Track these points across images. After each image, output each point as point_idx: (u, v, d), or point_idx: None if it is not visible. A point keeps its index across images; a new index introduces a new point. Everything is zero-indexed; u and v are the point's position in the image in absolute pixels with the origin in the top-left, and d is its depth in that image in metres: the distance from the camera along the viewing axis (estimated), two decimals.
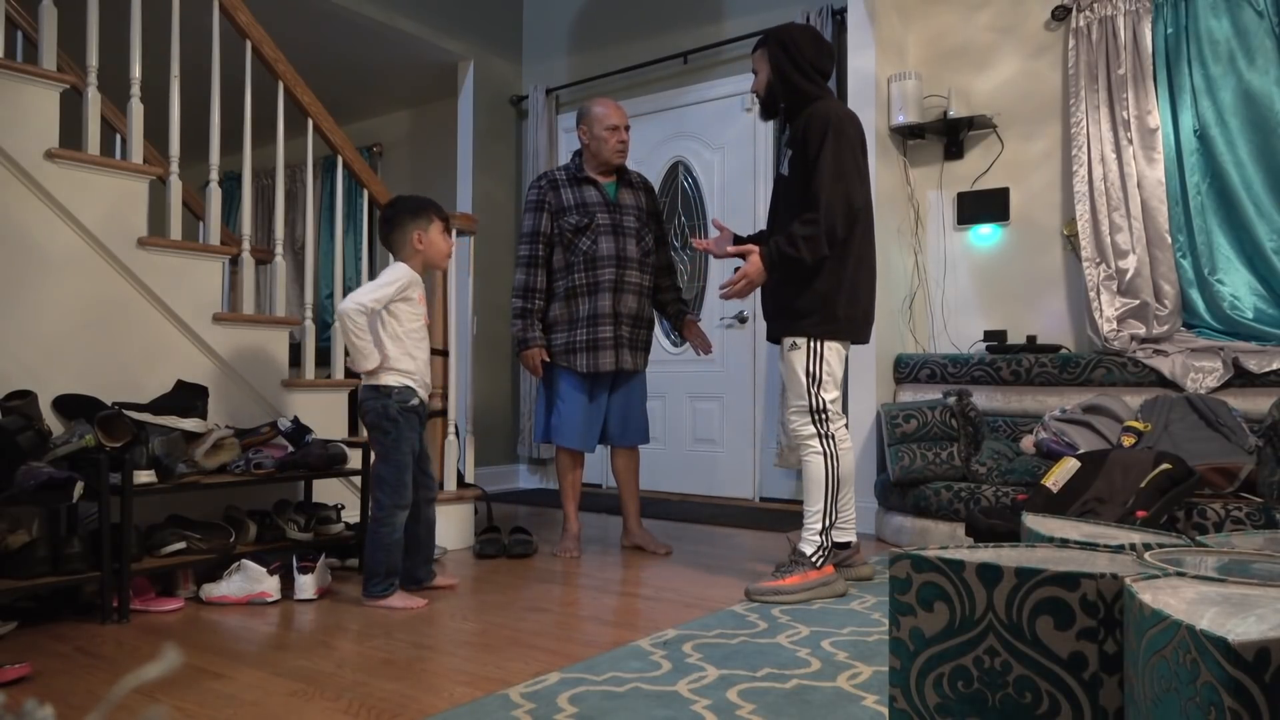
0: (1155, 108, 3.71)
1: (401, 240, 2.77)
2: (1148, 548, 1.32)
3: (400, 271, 2.73)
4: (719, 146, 5.06)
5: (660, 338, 5.13)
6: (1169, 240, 3.69)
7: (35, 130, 2.73)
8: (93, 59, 2.95)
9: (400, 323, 2.73)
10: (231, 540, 2.82)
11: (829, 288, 2.73)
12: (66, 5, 3.18)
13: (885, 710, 1.76)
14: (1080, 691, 1.13)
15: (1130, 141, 3.74)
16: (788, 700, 1.83)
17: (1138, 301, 3.71)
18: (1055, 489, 2.89)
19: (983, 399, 3.87)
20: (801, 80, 2.82)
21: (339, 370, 3.60)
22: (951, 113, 4.12)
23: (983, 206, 4.20)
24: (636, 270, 3.43)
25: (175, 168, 3.15)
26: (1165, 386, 3.52)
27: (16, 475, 2.31)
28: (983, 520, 2.92)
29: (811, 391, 2.75)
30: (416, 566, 2.82)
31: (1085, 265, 3.80)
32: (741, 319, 4.92)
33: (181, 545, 2.72)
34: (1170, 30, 3.73)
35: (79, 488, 2.36)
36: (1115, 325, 3.73)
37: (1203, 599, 0.97)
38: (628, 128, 3.46)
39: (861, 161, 2.78)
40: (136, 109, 3.04)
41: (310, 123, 3.54)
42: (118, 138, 3.84)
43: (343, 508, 3.25)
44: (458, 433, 3.65)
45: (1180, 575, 1.09)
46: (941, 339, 4.32)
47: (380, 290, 2.68)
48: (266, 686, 1.94)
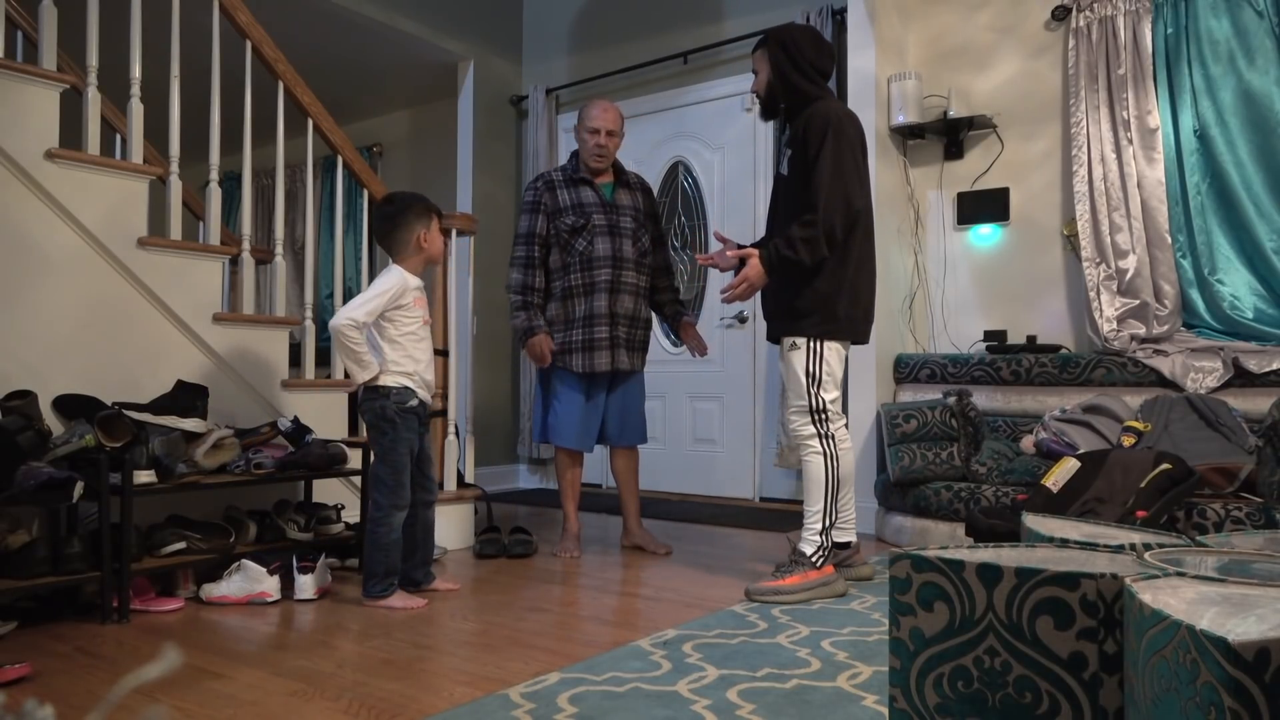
0: (1155, 108, 3.71)
1: (406, 239, 2.76)
2: (1148, 548, 1.32)
3: (392, 280, 2.72)
4: (719, 146, 5.06)
5: (660, 338, 5.13)
6: (1169, 240, 3.69)
7: (35, 130, 2.73)
8: (93, 59, 2.95)
9: (397, 327, 2.72)
10: (231, 540, 2.82)
11: (829, 288, 2.73)
12: (66, 5, 3.18)
13: (885, 710, 1.76)
14: (1080, 691, 1.13)
15: (1130, 141, 3.74)
16: (788, 700, 1.83)
17: (1138, 301, 3.71)
18: (1055, 489, 2.89)
19: (983, 399, 3.87)
20: (801, 80, 2.82)
21: (339, 371, 3.61)
22: (951, 113, 4.12)
23: (983, 206, 4.20)
24: (633, 271, 3.43)
25: (175, 168, 3.15)
26: (1165, 386, 3.51)
27: (16, 475, 2.31)
28: (983, 520, 2.93)
29: (811, 391, 2.75)
30: (414, 569, 2.82)
31: (1085, 265, 3.80)
32: (741, 319, 4.92)
33: (181, 545, 2.72)
34: (1170, 30, 3.72)
35: (79, 488, 2.36)
36: (1115, 325, 3.73)
37: (1203, 599, 0.97)
38: (611, 132, 3.39)
39: (861, 162, 2.78)
40: (136, 109, 3.05)
41: (310, 123, 3.54)
42: (118, 138, 3.83)
43: (343, 508, 3.25)
44: (458, 433, 3.65)
45: (1180, 575, 1.09)
46: (941, 339, 4.32)
47: (372, 302, 2.67)
48: (266, 686, 1.94)
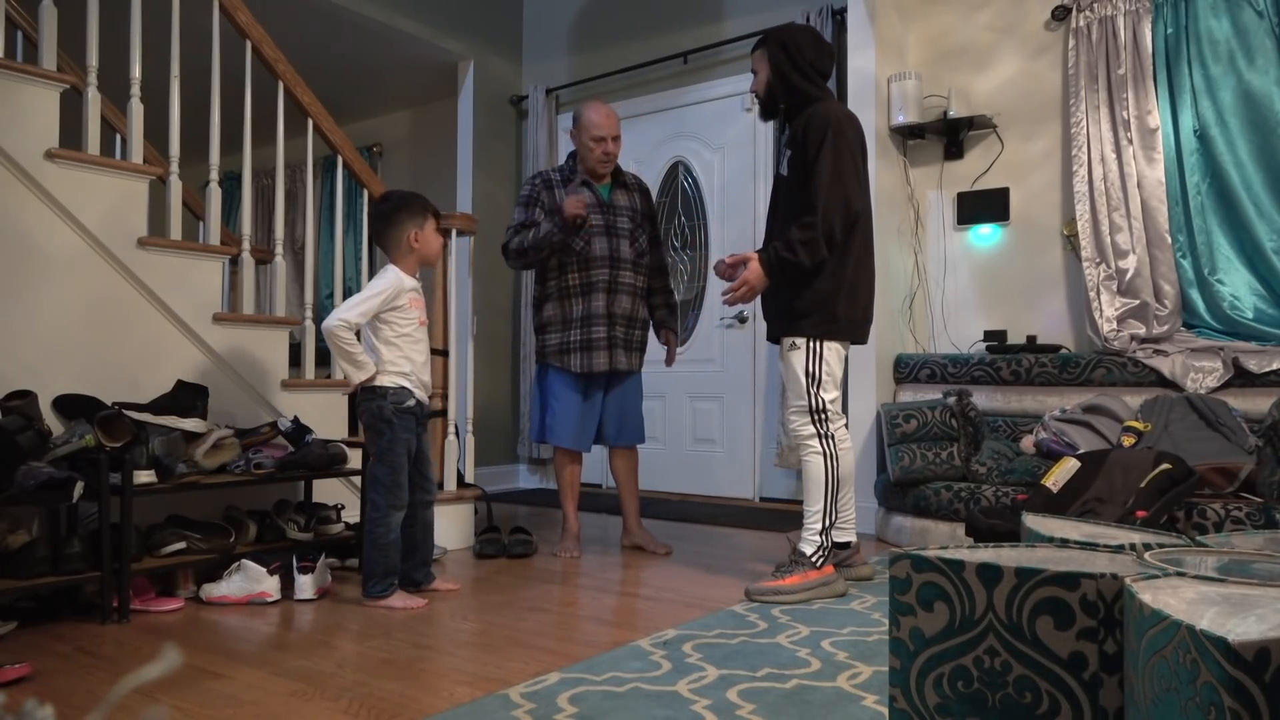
0: (1155, 108, 3.71)
1: (397, 238, 2.76)
2: (1148, 548, 1.32)
3: (387, 281, 2.72)
4: (719, 146, 5.06)
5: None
6: (1169, 240, 3.69)
7: (35, 130, 2.73)
8: (93, 59, 2.95)
9: (392, 327, 2.72)
10: (231, 540, 2.82)
11: (828, 288, 2.73)
12: (66, 5, 3.18)
13: (885, 710, 1.76)
14: (1080, 691, 1.13)
15: (1130, 141, 3.74)
16: (788, 700, 1.83)
17: (1138, 301, 3.71)
18: (1055, 489, 2.89)
19: (983, 399, 3.87)
20: (801, 81, 2.82)
21: (339, 371, 3.60)
22: (951, 113, 4.12)
23: (983, 206, 4.20)
24: (630, 271, 3.44)
25: (175, 168, 3.15)
26: (1165, 386, 3.51)
27: (16, 475, 2.31)
28: (983, 520, 2.93)
29: (811, 391, 2.75)
30: (414, 569, 2.81)
31: (1085, 265, 3.80)
32: (741, 319, 4.92)
33: (181, 545, 2.72)
34: (1170, 30, 3.72)
35: (79, 488, 2.36)
36: (1115, 325, 3.73)
37: (1203, 599, 0.97)
38: (616, 138, 3.40)
39: (860, 163, 2.78)
40: (136, 109, 3.05)
41: (310, 123, 3.54)
42: (118, 138, 3.83)
43: (343, 508, 3.25)
44: (458, 433, 3.65)
45: (1180, 575, 1.09)
46: (941, 339, 4.32)
47: (366, 304, 2.67)
48: (266, 686, 1.94)
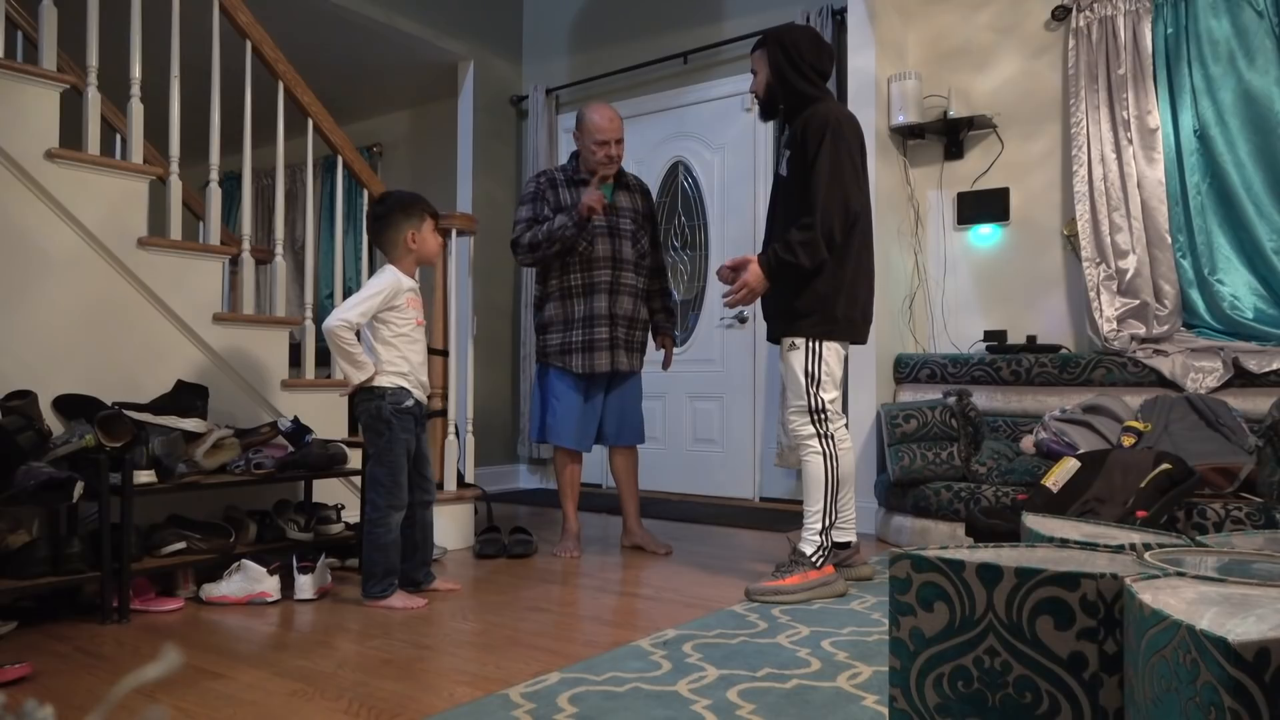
0: (1155, 108, 3.71)
1: (395, 239, 2.77)
2: (1148, 548, 1.32)
3: (385, 280, 2.72)
4: (719, 146, 5.06)
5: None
6: (1169, 240, 3.69)
7: (35, 130, 2.73)
8: (93, 59, 2.95)
9: (390, 327, 2.73)
10: (231, 540, 2.82)
11: (828, 288, 2.73)
12: (66, 5, 3.17)
13: (885, 710, 1.76)
14: (1080, 691, 1.13)
15: (1130, 141, 3.74)
16: (788, 700, 1.83)
17: (1138, 301, 3.71)
18: (1055, 489, 2.89)
19: (983, 399, 3.87)
20: (800, 81, 2.81)
21: (339, 371, 3.60)
22: (951, 113, 4.12)
23: (983, 206, 4.20)
24: (632, 272, 3.44)
25: (175, 168, 3.15)
26: (1165, 386, 3.51)
27: (16, 475, 2.31)
28: (983, 520, 2.93)
29: (811, 392, 2.75)
30: (414, 569, 2.81)
31: (1085, 265, 3.80)
32: (741, 319, 4.92)
33: (181, 545, 2.72)
34: (1170, 30, 3.72)
35: (79, 488, 2.36)
36: (1115, 325, 3.73)
37: (1203, 599, 0.97)
38: (619, 141, 3.40)
39: (859, 164, 2.78)
40: (136, 109, 3.05)
41: (310, 123, 3.54)
42: (118, 138, 3.83)
43: (343, 508, 3.25)
44: (458, 433, 3.65)
45: (1180, 575, 1.09)
46: (941, 339, 4.32)
47: (366, 303, 2.67)
48: (266, 686, 1.94)
